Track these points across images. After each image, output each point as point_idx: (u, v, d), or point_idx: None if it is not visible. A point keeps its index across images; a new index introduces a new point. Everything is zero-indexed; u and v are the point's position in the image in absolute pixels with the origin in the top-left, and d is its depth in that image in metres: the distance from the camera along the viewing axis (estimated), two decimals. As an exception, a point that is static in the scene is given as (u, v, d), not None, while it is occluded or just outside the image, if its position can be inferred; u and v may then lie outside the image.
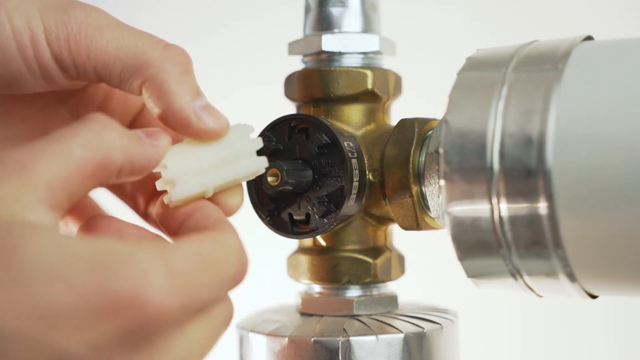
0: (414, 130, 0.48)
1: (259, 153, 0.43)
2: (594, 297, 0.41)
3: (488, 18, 0.98)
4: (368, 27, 0.50)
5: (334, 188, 0.47)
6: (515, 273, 0.41)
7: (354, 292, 0.50)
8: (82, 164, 0.36)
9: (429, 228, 0.49)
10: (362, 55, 0.50)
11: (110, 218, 0.40)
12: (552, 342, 0.97)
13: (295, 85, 0.50)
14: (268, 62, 0.76)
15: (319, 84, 0.49)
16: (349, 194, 0.46)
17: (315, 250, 0.50)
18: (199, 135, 0.41)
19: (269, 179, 0.46)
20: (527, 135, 0.38)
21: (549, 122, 0.38)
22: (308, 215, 0.47)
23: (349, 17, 0.50)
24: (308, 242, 0.51)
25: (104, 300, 0.32)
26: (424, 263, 0.80)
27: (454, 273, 0.48)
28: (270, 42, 0.70)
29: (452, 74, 0.42)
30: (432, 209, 0.47)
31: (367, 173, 0.48)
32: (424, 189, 0.47)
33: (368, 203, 0.49)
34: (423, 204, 0.48)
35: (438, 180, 0.46)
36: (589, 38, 0.42)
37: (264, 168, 0.44)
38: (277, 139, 0.48)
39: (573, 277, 0.39)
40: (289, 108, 0.52)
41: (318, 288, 0.50)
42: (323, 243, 0.50)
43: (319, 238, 0.50)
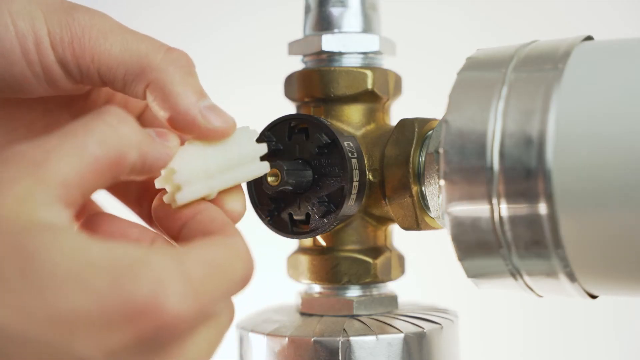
0: (414, 130, 0.48)
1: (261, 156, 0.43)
2: (594, 297, 0.41)
3: (488, 18, 0.98)
4: (368, 27, 0.50)
5: (334, 188, 0.47)
6: (515, 273, 0.41)
7: (354, 292, 0.50)
8: (97, 161, 0.35)
9: (429, 228, 0.49)
10: (362, 55, 0.50)
11: (111, 216, 0.40)
12: (552, 342, 0.97)
13: (295, 85, 0.50)
14: (268, 62, 0.76)
15: (319, 84, 0.49)
16: (349, 194, 0.46)
17: (315, 250, 0.50)
18: (206, 136, 0.41)
19: (269, 179, 0.46)
20: (527, 135, 0.38)
21: (549, 122, 0.38)
22: (308, 215, 0.47)
23: (349, 17, 0.50)
24: (308, 242, 0.51)
25: (122, 307, 0.32)
26: (424, 263, 0.80)
27: (454, 273, 0.48)
28: (270, 42, 0.70)
29: (452, 74, 0.42)
30: (432, 209, 0.47)
31: (367, 173, 0.48)
32: (424, 189, 0.47)
33: (368, 203, 0.49)
34: (423, 204, 0.48)
35: (438, 180, 0.46)
36: (589, 38, 0.42)
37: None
38: (277, 139, 0.48)
39: (573, 277, 0.39)
40: (289, 108, 0.52)
41: (318, 288, 0.50)
42: (323, 243, 0.50)
43: (319, 238, 0.50)
